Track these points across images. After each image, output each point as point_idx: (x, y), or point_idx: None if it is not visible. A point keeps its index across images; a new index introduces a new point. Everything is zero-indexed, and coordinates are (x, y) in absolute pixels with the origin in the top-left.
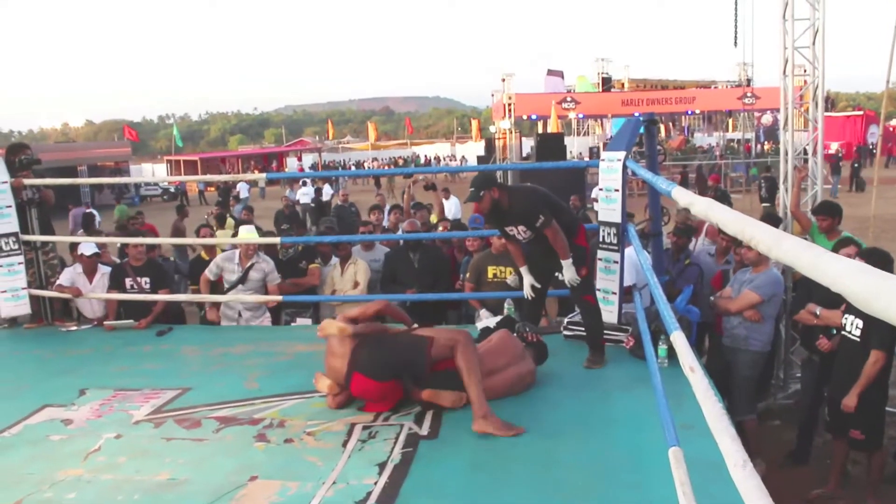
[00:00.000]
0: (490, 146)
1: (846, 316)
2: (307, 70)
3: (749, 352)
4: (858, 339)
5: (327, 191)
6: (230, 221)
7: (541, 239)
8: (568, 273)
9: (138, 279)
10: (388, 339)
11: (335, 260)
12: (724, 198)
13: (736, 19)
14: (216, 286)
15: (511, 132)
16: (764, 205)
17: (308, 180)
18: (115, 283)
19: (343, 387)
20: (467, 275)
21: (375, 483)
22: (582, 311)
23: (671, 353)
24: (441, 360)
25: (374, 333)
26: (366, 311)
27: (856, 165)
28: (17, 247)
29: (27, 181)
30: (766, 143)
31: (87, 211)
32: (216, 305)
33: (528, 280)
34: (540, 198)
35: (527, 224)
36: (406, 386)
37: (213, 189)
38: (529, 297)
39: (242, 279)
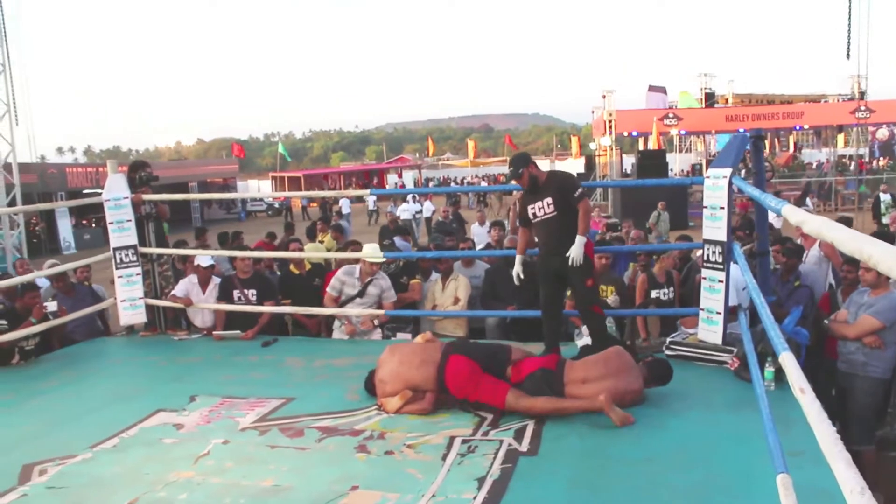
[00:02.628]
0: (590, 163)
1: None
2: (407, 88)
3: (868, 378)
4: None
5: (428, 207)
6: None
7: (558, 220)
8: (576, 249)
9: (245, 291)
10: (473, 342)
11: (436, 275)
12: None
13: (850, 30)
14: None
15: (612, 149)
16: None
17: (410, 196)
18: (224, 295)
19: (433, 388)
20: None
21: (474, 498)
22: (586, 319)
23: (778, 376)
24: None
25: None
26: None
27: None
28: (135, 258)
29: (145, 196)
30: (881, 158)
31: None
32: (349, 320)
33: (517, 268)
34: (576, 178)
35: (563, 194)
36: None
37: (315, 205)
38: (517, 283)
39: (361, 293)
